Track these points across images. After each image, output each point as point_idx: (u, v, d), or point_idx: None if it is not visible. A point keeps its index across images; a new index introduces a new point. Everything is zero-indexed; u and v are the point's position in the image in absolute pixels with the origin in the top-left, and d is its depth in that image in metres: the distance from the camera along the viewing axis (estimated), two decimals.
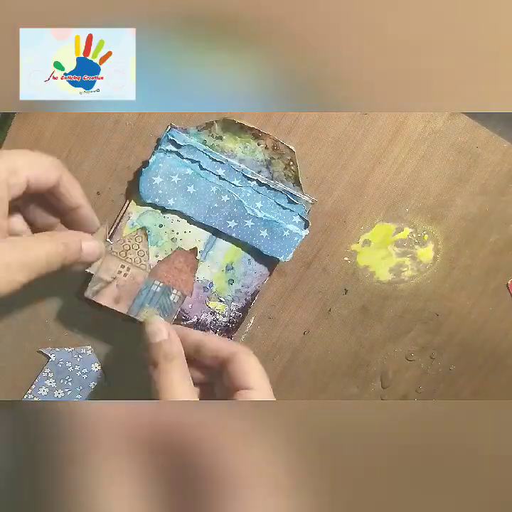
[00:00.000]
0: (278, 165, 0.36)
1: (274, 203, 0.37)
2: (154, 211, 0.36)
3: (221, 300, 0.38)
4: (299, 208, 0.37)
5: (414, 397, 0.44)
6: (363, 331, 0.41)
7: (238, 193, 0.36)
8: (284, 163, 0.36)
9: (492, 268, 0.41)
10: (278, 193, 0.36)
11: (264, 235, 0.37)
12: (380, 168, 0.37)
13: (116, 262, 0.35)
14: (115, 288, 0.36)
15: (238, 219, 0.36)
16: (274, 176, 0.36)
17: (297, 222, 0.37)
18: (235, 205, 0.36)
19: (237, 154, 0.36)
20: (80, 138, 0.35)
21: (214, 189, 0.36)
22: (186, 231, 0.37)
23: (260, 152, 0.36)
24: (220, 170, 0.36)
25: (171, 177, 0.35)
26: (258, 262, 0.38)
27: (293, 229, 0.37)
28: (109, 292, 0.36)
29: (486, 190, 0.39)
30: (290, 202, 0.36)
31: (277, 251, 0.37)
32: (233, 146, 0.36)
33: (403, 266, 0.40)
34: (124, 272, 0.36)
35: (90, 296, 0.35)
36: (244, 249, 0.38)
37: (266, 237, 0.37)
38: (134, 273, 0.36)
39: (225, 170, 0.36)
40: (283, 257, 0.37)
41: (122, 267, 0.36)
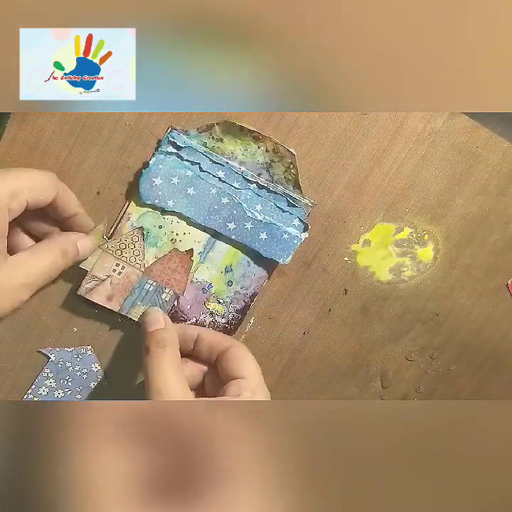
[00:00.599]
0: (278, 168, 0.36)
1: (273, 205, 0.37)
2: (154, 212, 0.36)
3: (220, 302, 0.38)
4: (299, 211, 0.37)
5: (414, 397, 0.44)
6: (363, 331, 0.41)
7: (238, 196, 0.36)
8: (285, 166, 0.36)
9: (492, 268, 0.41)
10: (278, 196, 0.36)
11: (264, 237, 0.37)
12: (380, 168, 0.37)
13: (111, 260, 0.35)
14: (109, 286, 0.36)
15: (238, 221, 0.36)
16: (274, 179, 0.36)
17: (297, 225, 0.37)
18: (234, 208, 0.36)
19: (237, 157, 0.36)
20: (80, 138, 0.35)
21: (214, 191, 0.36)
22: (186, 232, 0.37)
23: (260, 155, 0.36)
24: (220, 172, 0.36)
25: (171, 178, 0.35)
26: (257, 265, 0.38)
27: (292, 232, 0.37)
28: (103, 290, 0.36)
29: (486, 190, 0.39)
30: (290, 205, 0.37)
31: (276, 253, 0.37)
32: (233, 148, 0.36)
33: (403, 266, 0.40)
34: (119, 270, 0.36)
35: (83, 294, 0.36)
36: (244, 251, 0.38)
37: (265, 240, 0.37)
38: (129, 272, 0.36)
39: (225, 172, 0.36)
40: (282, 259, 0.37)
41: (117, 265, 0.36)
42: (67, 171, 0.35)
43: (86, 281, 0.35)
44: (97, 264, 0.35)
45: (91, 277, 0.35)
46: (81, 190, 0.36)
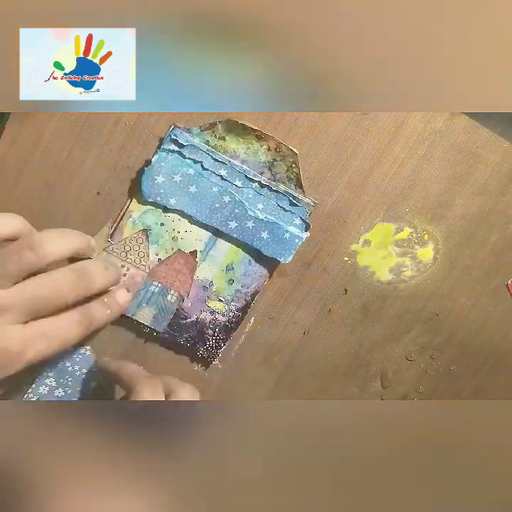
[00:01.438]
0: (280, 167, 0.36)
1: (275, 204, 0.37)
2: (156, 210, 0.36)
3: (221, 300, 0.38)
4: (300, 210, 0.37)
5: (414, 397, 0.44)
6: (363, 331, 0.41)
7: (240, 194, 0.36)
8: (287, 165, 0.36)
9: (492, 268, 0.41)
10: (280, 195, 0.36)
11: (265, 236, 0.37)
12: (380, 168, 0.37)
13: (116, 262, 0.36)
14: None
15: (239, 220, 0.36)
16: (276, 178, 0.36)
17: (298, 224, 0.37)
18: (236, 206, 0.36)
19: (239, 155, 0.36)
20: (79, 138, 0.35)
21: (216, 189, 0.36)
22: (187, 230, 0.37)
23: (263, 154, 0.36)
24: (222, 170, 0.36)
25: (173, 176, 0.35)
26: (258, 263, 0.38)
27: (294, 231, 0.37)
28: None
29: (486, 190, 0.39)
30: (292, 204, 0.37)
31: (278, 252, 0.37)
32: (236, 146, 0.36)
33: (403, 266, 0.40)
34: (124, 271, 0.36)
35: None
36: (245, 249, 0.38)
37: (266, 239, 0.37)
38: (134, 273, 0.36)
39: (227, 170, 0.36)
40: (283, 258, 0.37)
41: (122, 267, 0.36)
42: (67, 171, 0.35)
43: None
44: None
45: None
46: (81, 190, 0.36)
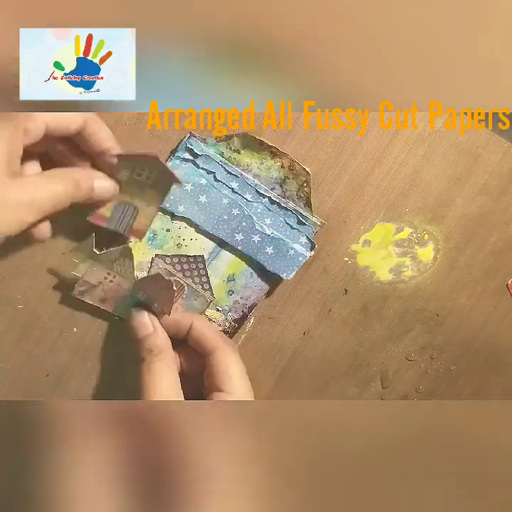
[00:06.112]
0: (292, 185, 0.36)
1: (283, 221, 0.37)
2: (163, 216, 0.36)
3: (218, 309, 0.39)
4: (307, 229, 0.37)
5: (414, 397, 0.44)
6: (363, 331, 0.41)
7: (249, 208, 0.36)
8: (298, 184, 0.36)
9: (492, 268, 0.41)
10: (288, 212, 0.36)
11: (270, 251, 0.37)
12: (380, 168, 0.37)
13: (102, 269, 0.35)
14: (101, 291, 0.36)
15: (246, 233, 0.36)
16: (286, 195, 0.36)
17: (303, 242, 0.37)
18: (244, 219, 0.36)
19: (252, 169, 0.36)
20: None
21: (226, 201, 0.36)
22: (193, 238, 0.37)
23: (276, 170, 0.36)
24: (234, 183, 0.36)
25: (184, 185, 0.35)
26: (259, 277, 0.38)
27: (298, 249, 0.37)
28: (96, 294, 0.36)
29: (486, 190, 0.39)
30: (299, 222, 0.37)
31: (280, 268, 0.37)
32: (250, 161, 0.36)
33: (403, 266, 0.40)
34: (110, 278, 0.36)
35: (77, 295, 0.36)
36: (248, 262, 0.38)
37: (271, 254, 0.37)
38: (120, 281, 0.36)
39: (238, 183, 0.36)
40: (285, 274, 0.37)
41: (108, 274, 0.36)
42: None
43: (79, 284, 0.35)
44: (88, 272, 0.35)
45: (83, 282, 0.35)
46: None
